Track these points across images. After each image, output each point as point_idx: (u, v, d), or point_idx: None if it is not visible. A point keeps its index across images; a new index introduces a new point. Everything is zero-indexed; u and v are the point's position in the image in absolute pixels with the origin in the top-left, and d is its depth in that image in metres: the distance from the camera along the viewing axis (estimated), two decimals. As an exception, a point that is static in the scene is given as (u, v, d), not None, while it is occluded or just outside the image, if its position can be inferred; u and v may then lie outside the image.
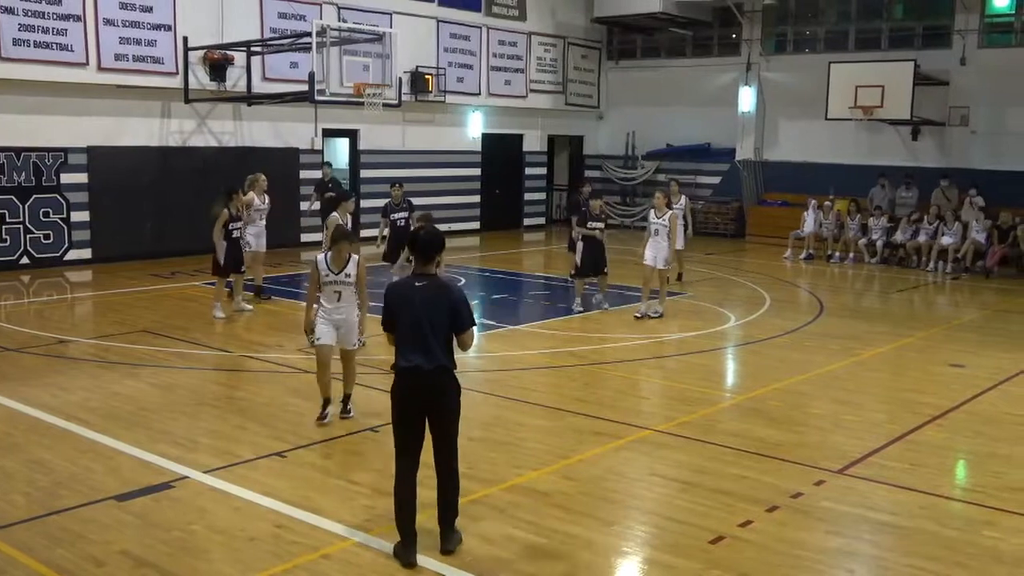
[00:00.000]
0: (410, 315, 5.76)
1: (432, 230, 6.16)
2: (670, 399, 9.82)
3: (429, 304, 5.76)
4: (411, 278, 5.96)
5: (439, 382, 5.80)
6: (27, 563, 5.64)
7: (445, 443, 5.87)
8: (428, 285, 5.83)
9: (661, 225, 13.42)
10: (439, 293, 5.82)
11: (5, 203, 16.82)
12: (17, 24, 16.17)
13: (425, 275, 5.89)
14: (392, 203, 14.87)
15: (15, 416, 8.55)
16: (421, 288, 5.81)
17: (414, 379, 5.76)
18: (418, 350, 5.73)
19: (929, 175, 21.70)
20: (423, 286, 5.82)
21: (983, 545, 6.24)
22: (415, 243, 5.96)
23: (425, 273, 5.90)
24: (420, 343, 5.73)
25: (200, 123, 19.31)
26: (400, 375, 5.82)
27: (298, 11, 20.00)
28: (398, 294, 5.92)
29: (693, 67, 26.37)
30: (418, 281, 5.86)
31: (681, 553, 5.96)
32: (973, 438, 8.64)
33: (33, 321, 12.93)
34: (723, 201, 25.61)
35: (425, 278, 5.87)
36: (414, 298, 5.78)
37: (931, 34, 22.67)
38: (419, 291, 5.80)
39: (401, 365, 5.80)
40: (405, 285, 5.95)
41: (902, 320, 14.62)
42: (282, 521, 6.33)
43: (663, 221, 13.41)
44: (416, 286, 5.84)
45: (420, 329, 5.73)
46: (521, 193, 26.91)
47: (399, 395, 5.84)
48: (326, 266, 8.36)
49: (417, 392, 5.77)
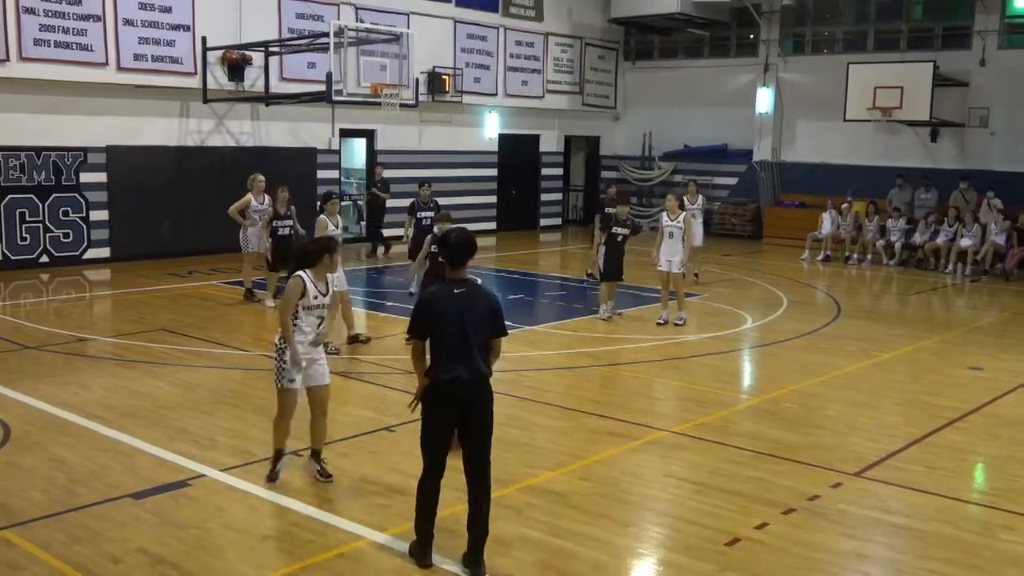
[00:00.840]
0: (452, 324, 5.53)
1: (463, 233, 5.82)
2: (686, 400, 9.80)
3: (470, 311, 5.57)
4: (448, 285, 5.67)
5: (480, 392, 5.63)
6: (45, 559, 5.69)
7: (481, 455, 5.70)
8: (468, 292, 5.62)
9: (676, 228, 13.28)
10: (479, 299, 5.66)
11: (25, 202, 16.96)
12: (38, 24, 16.29)
13: (461, 281, 5.67)
14: (419, 202, 14.97)
15: (34, 414, 8.62)
16: (461, 296, 5.59)
17: (456, 391, 5.55)
18: (460, 360, 5.52)
19: (948, 177, 21.57)
20: (463, 293, 5.60)
21: (1000, 549, 6.21)
22: (446, 247, 5.71)
23: (460, 279, 5.67)
24: (462, 353, 5.53)
25: (218, 123, 19.40)
26: (440, 387, 5.57)
27: (315, 11, 20.07)
28: (438, 302, 5.62)
29: (710, 68, 26.30)
30: (456, 288, 5.62)
31: (696, 555, 5.95)
32: (991, 441, 8.59)
33: (52, 319, 13.03)
34: (740, 202, 25.53)
35: (462, 284, 5.65)
36: (455, 306, 5.55)
37: (950, 35, 22.54)
38: (460, 299, 5.57)
39: (442, 377, 5.55)
40: (444, 293, 5.64)
41: (920, 322, 14.54)
42: (297, 520, 6.35)
43: (678, 223, 13.29)
44: (456, 293, 5.59)
45: (464, 339, 5.53)
46: (537, 194, 26.90)
47: (438, 408, 5.61)
48: (313, 286, 6.84)
49: (458, 404, 5.57)
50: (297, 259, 6.92)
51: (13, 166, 16.74)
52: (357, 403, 9.45)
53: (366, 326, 13.14)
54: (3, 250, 16.75)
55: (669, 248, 13.28)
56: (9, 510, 6.41)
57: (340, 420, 8.75)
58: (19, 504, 6.52)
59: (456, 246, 5.67)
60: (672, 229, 13.30)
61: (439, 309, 5.57)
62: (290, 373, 6.83)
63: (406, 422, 8.60)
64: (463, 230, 5.89)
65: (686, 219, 13.42)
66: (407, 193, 21.62)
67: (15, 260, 16.84)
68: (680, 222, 13.29)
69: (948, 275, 19.46)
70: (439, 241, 5.87)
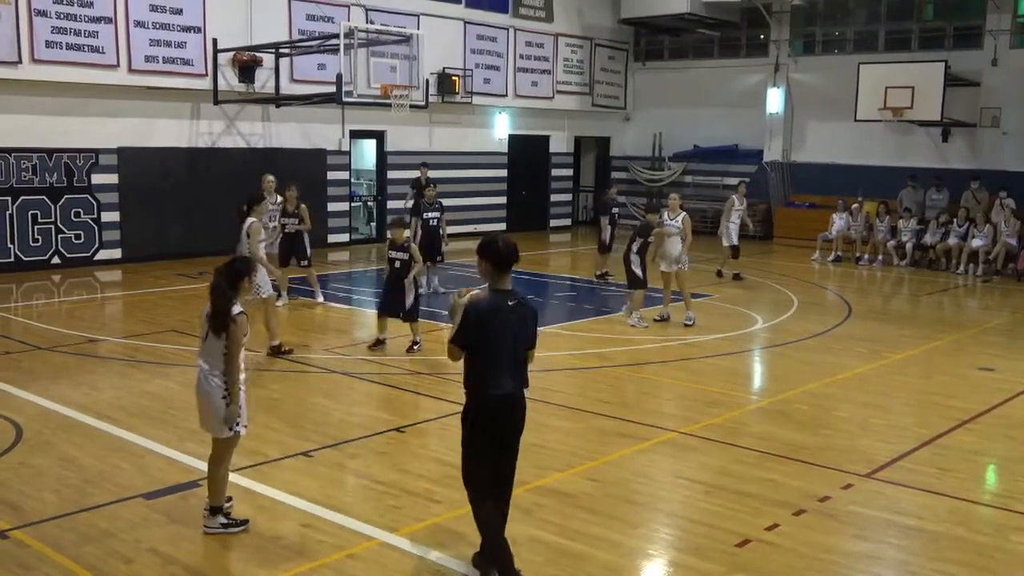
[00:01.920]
0: (503, 338, 5.32)
1: (508, 239, 5.51)
2: (696, 401, 9.78)
3: (520, 324, 5.40)
4: (499, 296, 5.39)
5: (523, 407, 5.50)
6: (57, 559, 5.71)
7: (512, 469, 5.59)
8: (518, 303, 5.41)
9: (674, 227, 13.31)
10: (527, 311, 5.47)
11: (37, 203, 17.04)
12: (50, 27, 16.37)
13: (508, 291, 5.43)
14: (425, 203, 14.95)
15: (46, 414, 8.66)
16: (514, 307, 5.38)
17: (507, 407, 5.39)
18: (509, 375, 5.35)
19: (959, 177, 21.48)
20: (515, 305, 5.39)
21: (1012, 550, 6.18)
22: (492, 254, 5.40)
23: (507, 289, 5.43)
24: (512, 367, 5.37)
25: (229, 124, 19.46)
26: (491, 403, 5.37)
27: (326, 13, 20.11)
28: (492, 314, 5.32)
29: (721, 68, 26.26)
30: (509, 299, 5.39)
31: (706, 556, 5.94)
32: (1003, 443, 8.55)
33: (64, 320, 13.08)
34: (750, 203, 25.40)
35: (512, 295, 5.42)
36: (507, 319, 5.34)
37: (962, 34, 22.46)
38: (512, 311, 5.37)
39: (492, 393, 5.35)
40: (497, 304, 5.36)
41: (931, 323, 14.49)
42: (308, 520, 6.36)
43: (676, 223, 13.32)
44: (510, 306, 5.37)
45: (513, 353, 5.37)
46: (547, 194, 26.90)
47: (489, 425, 5.40)
48: (246, 318, 6.13)
49: (508, 420, 5.43)
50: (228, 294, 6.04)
51: (25, 167, 16.82)
52: (367, 404, 9.47)
53: (375, 327, 13.14)
54: (15, 251, 16.83)
55: (669, 247, 13.28)
56: (21, 510, 6.43)
57: (350, 421, 8.78)
58: (31, 504, 6.55)
59: (505, 252, 5.40)
60: (671, 228, 13.30)
61: (492, 321, 5.31)
62: (243, 418, 6.10)
63: (416, 423, 8.62)
64: (507, 237, 5.57)
65: (684, 219, 13.38)
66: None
67: (27, 261, 16.91)
68: (679, 222, 13.30)
69: (959, 276, 19.38)
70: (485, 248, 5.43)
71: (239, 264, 6.18)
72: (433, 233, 14.93)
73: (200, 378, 6.11)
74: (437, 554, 5.87)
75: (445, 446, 7.97)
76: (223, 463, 6.19)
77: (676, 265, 13.32)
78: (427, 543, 6.01)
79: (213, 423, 6.09)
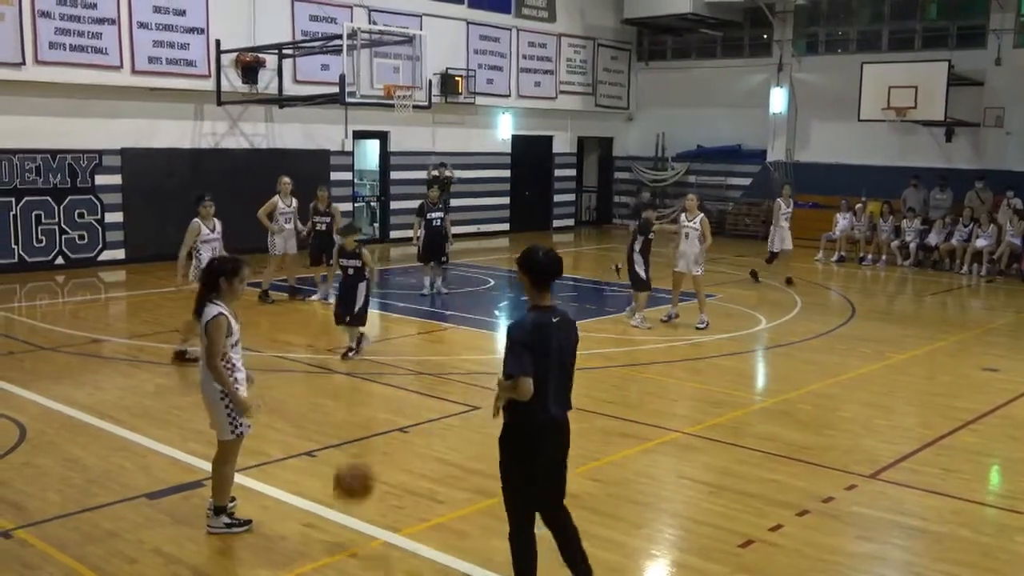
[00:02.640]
0: (552, 358, 4.91)
1: (550, 251, 5.07)
2: (699, 401, 9.78)
3: (566, 341, 5.03)
4: (544, 314, 4.98)
5: (569, 430, 5.15)
6: (60, 559, 5.72)
7: (562, 493, 5.25)
8: (562, 320, 5.02)
9: (692, 228, 13.19)
10: (571, 327, 5.09)
11: (41, 204, 17.06)
12: (53, 28, 16.40)
13: (552, 308, 5.03)
14: (428, 203, 14.96)
15: (50, 414, 8.66)
16: (559, 325, 4.98)
17: (554, 433, 5.04)
18: (556, 397, 4.98)
19: (963, 177, 21.45)
20: (559, 322, 4.99)
21: (1016, 551, 6.17)
22: (531, 268, 5.00)
23: (549, 305, 5.03)
24: (558, 390, 5.00)
25: (232, 125, 19.47)
26: (542, 429, 4.97)
27: (328, 14, 20.11)
28: (542, 335, 4.90)
29: (724, 68, 26.25)
30: (554, 316, 4.99)
31: (710, 557, 5.94)
32: (1007, 443, 8.54)
33: (68, 320, 13.10)
34: (754, 203, 25.47)
35: (556, 312, 5.03)
36: (554, 338, 4.93)
37: (965, 34, 22.43)
38: (558, 329, 4.96)
39: (542, 418, 4.93)
40: (544, 323, 4.94)
41: (935, 323, 14.47)
42: (311, 520, 6.36)
43: (694, 224, 13.20)
44: (554, 323, 4.96)
45: (561, 373, 5.00)
46: (550, 195, 26.90)
47: (534, 454, 4.98)
48: (233, 319, 6.06)
49: (555, 447, 5.07)
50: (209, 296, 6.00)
51: (29, 168, 16.85)
52: (370, 404, 9.47)
53: (378, 326, 13.15)
54: (19, 252, 16.86)
55: (686, 248, 13.19)
56: (25, 510, 6.44)
57: (353, 421, 8.79)
58: (35, 504, 6.56)
59: (547, 266, 4.98)
60: (688, 230, 13.20)
61: (542, 343, 4.88)
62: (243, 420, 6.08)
63: (419, 423, 8.62)
64: (549, 248, 5.12)
65: (703, 221, 13.25)
66: (420, 194, 21.59)
67: (31, 262, 16.94)
68: (697, 223, 13.15)
69: (963, 276, 19.35)
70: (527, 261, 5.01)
71: (216, 264, 6.12)
72: (436, 233, 14.95)
73: (201, 379, 6.14)
74: (440, 554, 5.86)
75: (448, 446, 7.98)
76: (227, 463, 6.19)
77: (697, 268, 13.21)
78: (430, 543, 6.00)
79: (216, 424, 6.10)
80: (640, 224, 13.27)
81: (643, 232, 13.06)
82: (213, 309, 5.93)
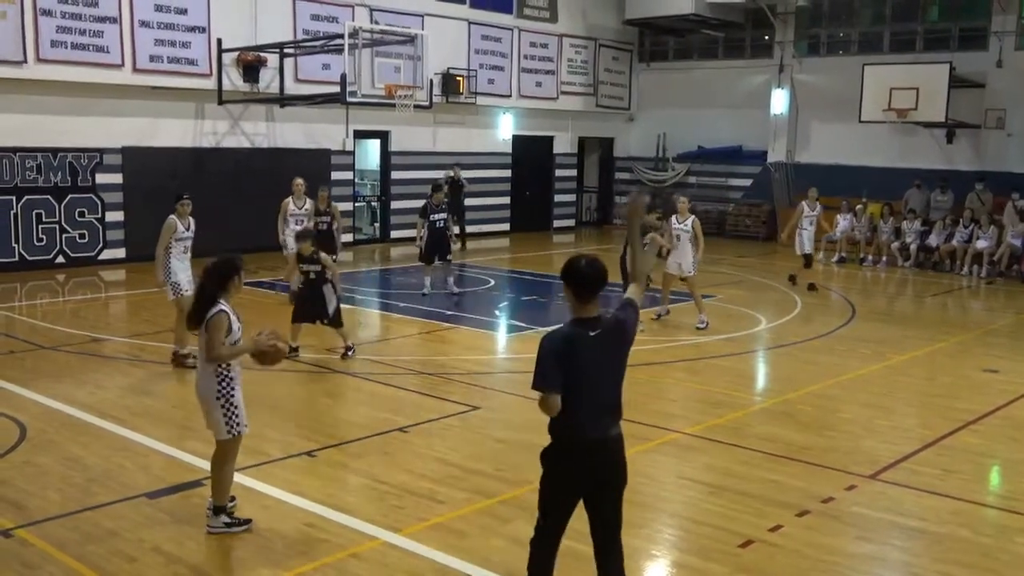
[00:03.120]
0: (590, 375, 4.52)
1: (593, 261, 4.63)
2: (699, 402, 9.78)
3: (610, 354, 4.61)
4: (581, 327, 4.57)
5: (621, 449, 4.71)
6: (60, 558, 5.72)
7: (618, 520, 4.79)
8: (603, 334, 4.57)
9: (683, 231, 13.22)
10: (616, 339, 4.64)
11: (41, 203, 17.07)
12: (55, 26, 16.41)
13: (594, 319, 4.59)
14: (432, 204, 14.93)
15: (50, 413, 8.67)
16: (597, 339, 4.54)
17: (597, 454, 4.61)
18: (595, 416, 4.58)
19: (964, 178, 21.46)
20: (599, 336, 4.55)
21: (1016, 552, 6.17)
22: (572, 279, 4.59)
23: (590, 317, 4.59)
24: (603, 407, 4.60)
25: (233, 124, 19.48)
26: (571, 449, 4.61)
27: (330, 13, 20.12)
28: (572, 349, 4.51)
29: (725, 69, 26.26)
30: (593, 329, 4.55)
31: (710, 557, 5.93)
32: (1007, 444, 8.54)
33: (68, 319, 13.10)
34: (754, 204, 25.46)
35: (596, 324, 4.57)
36: (593, 353, 4.52)
37: (967, 36, 22.43)
38: (596, 343, 4.53)
39: (573, 437, 4.58)
40: (577, 337, 4.54)
41: (935, 324, 14.47)
42: (311, 520, 6.36)
43: (685, 227, 13.23)
44: (591, 337, 4.53)
45: (605, 389, 4.59)
46: (551, 195, 26.89)
47: (571, 476, 4.63)
48: (235, 317, 6.13)
49: (591, 468, 4.63)
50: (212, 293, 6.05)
51: (30, 167, 16.85)
52: (370, 404, 9.47)
53: (379, 326, 13.16)
54: (20, 250, 16.87)
55: (678, 251, 13.23)
56: (25, 509, 6.44)
57: (353, 421, 8.79)
58: (35, 503, 6.56)
59: (589, 277, 4.58)
60: (679, 232, 13.23)
61: (573, 357, 4.50)
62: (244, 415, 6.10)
63: (419, 423, 8.62)
64: (592, 256, 4.70)
65: (694, 223, 13.29)
66: (421, 194, 21.58)
67: (31, 260, 16.95)
68: (688, 225, 13.20)
69: (964, 277, 19.35)
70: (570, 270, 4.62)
71: (227, 262, 6.13)
72: (440, 234, 14.95)
73: (197, 380, 6.16)
74: (440, 554, 5.86)
75: (448, 446, 7.98)
76: (226, 463, 6.18)
77: (690, 269, 13.21)
78: (430, 543, 6.00)
79: (212, 424, 6.11)
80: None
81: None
82: (218, 307, 5.97)
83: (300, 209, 14.22)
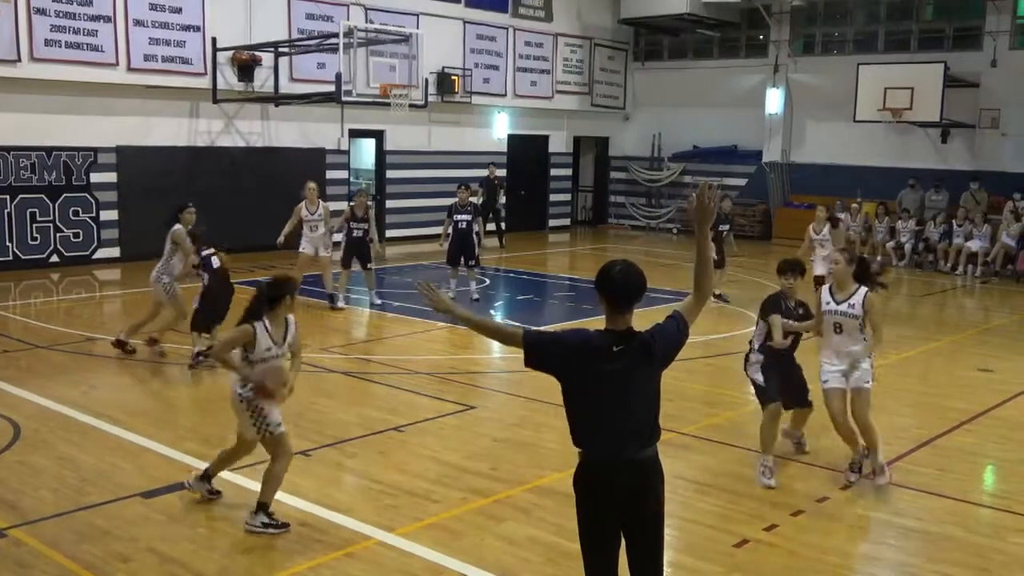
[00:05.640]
0: (608, 391, 4.11)
1: (629, 268, 4.19)
2: (695, 402, 9.78)
3: (631, 375, 4.13)
4: (606, 337, 4.15)
5: (651, 473, 4.22)
6: (54, 558, 5.70)
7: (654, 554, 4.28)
8: (629, 349, 4.11)
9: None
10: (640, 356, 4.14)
11: (36, 202, 17.03)
12: (49, 25, 16.37)
13: (621, 332, 4.15)
14: (457, 204, 14.73)
15: (44, 413, 8.64)
16: (621, 353, 4.10)
17: (612, 475, 4.15)
18: (616, 436, 4.14)
19: (959, 178, 21.50)
20: (623, 351, 4.11)
21: (1011, 552, 6.18)
22: (604, 287, 4.19)
23: (619, 330, 4.16)
24: (617, 426, 4.14)
25: (228, 123, 19.44)
26: (589, 471, 4.21)
27: (325, 12, 20.10)
28: (581, 349, 4.16)
29: (720, 68, 26.26)
30: (619, 343, 4.12)
31: (705, 556, 5.94)
32: (1001, 444, 8.55)
33: (62, 319, 13.08)
34: (749, 203, 25.47)
35: (624, 339, 4.13)
36: (611, 368, 4.10)
37: (961, 35, 22.48)
38: (617, 357, 4.10)
39: (591, 458, 4.21)
40: (596, 346, 4.13)
41: (930, 324, 14.49)
42: (306, 519, 6.36)
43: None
44: (614, 351, 4.10)
45: (620, 409, 4.13)
46: (547, 194, 26.89)
47: (596, 500, 4.19)
48: (267, 337, 6.21)
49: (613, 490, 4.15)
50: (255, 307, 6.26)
51: (24, 166, 16.81)
52: (366, 403, 9.46)
53: (374, 326, 13.14)
54: (14, 250, 16.82)
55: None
56: (19, 509, 6.43)
57: (349, 420, 8.78)
58: (29, 503, 6.54)
59: (621, 286, 4.15)
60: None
61: (584, 362, 4.14)
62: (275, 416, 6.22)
63: (414, 423, 8.61)
64: (631, 263, 4.23)
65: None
66: (416, 193, 21.71)
67: (25, 260, 16.90)
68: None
69: (958, 277, 19.39)
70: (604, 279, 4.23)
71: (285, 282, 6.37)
72: (463, 236, 14.60)
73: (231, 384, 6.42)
74: (435, 553, 5.86)
75: (443, 446, 7.97)
76: (276, 462, 6.30)
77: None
78: (425, 542, 6.00)
79: (241, 426, 6.32)
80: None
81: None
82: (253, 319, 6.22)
83: (313, 214, 13.81)
